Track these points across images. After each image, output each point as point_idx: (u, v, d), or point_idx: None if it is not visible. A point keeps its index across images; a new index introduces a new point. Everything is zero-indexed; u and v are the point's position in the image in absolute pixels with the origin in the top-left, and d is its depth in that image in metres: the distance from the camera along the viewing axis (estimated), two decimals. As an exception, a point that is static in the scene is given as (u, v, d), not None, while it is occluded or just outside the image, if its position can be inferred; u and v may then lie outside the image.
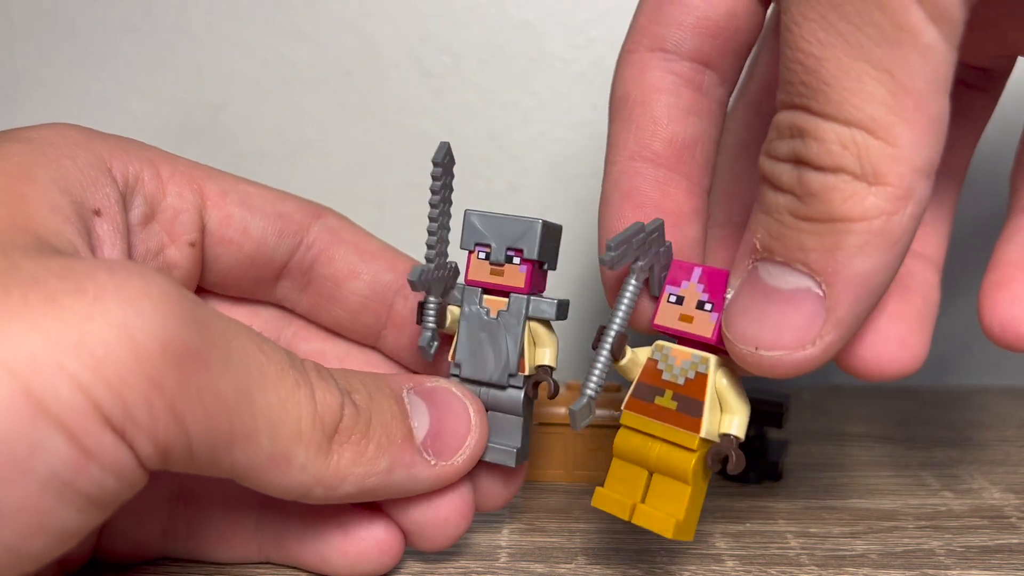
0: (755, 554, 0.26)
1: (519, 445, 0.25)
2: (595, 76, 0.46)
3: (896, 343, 0.23)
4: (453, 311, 0.25)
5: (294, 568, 0.25)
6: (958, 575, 0.25)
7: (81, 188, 0.21)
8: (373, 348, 0.28)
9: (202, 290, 0.26)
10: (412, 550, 0.25)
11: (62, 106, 0.46)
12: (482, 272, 0.24)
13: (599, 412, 0.31)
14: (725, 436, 0.23)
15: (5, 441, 0.15)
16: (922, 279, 0.26)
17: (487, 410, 0.25)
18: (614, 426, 0.31)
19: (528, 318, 0.24)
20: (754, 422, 0.33)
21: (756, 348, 0.21)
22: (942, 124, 0.19)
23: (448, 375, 0.25)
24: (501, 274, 0.24)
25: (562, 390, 0.32)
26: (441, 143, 0.24)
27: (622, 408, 0.24)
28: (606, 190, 0.24)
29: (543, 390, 0.25)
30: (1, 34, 0.46)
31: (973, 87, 0.27)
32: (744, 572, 0.25)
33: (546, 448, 0.32)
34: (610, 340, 0.23)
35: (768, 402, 0.32)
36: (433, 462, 0.23)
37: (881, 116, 0.19)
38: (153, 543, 0.24)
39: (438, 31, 0.46)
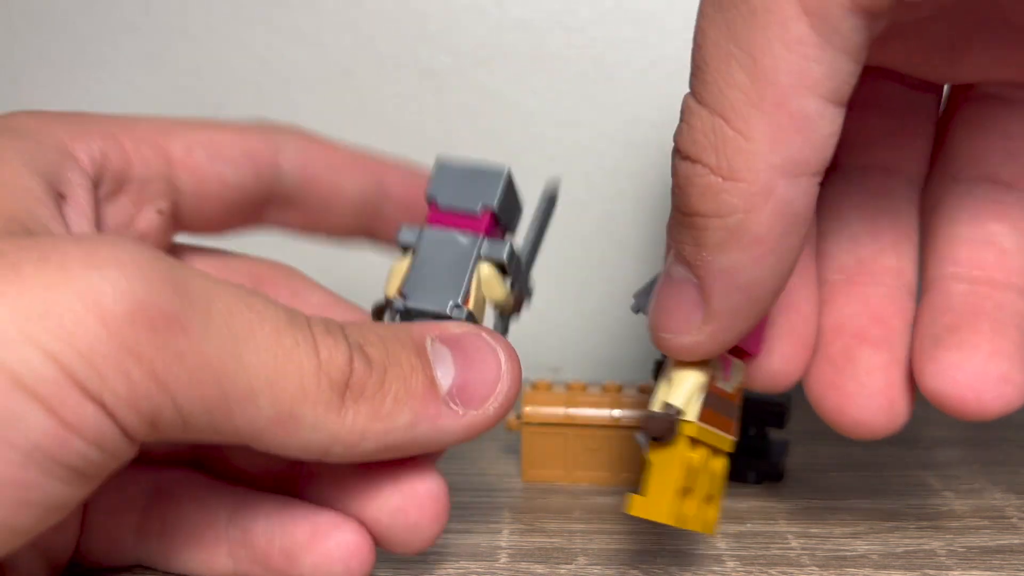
0: (756, 555, 0.26)
1: None
2: (595, 76, 0.46)
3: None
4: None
5: None
6: (959, 575, 0.25)
7: (48, 170, 0.21)
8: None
9: (197, 252, 0.27)
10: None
11: (62, 106, 0.46)
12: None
13: (598, 412, 0.31)
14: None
15: None
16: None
17: None
18: (614, 426, 0.31)
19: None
20: (755, 422, 0.33)
21: (656, 330, 0.22)
22: (812, 126, 0.18)
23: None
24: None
25: (561, 389, 0.32)
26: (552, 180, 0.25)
27: (694, 420, 0.23)
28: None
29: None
30: (1, 34, 0.46)
31: (921, 89, 0.26)
32: (745, 573, 0.25)
33: (546, 448, 0.32)
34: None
35: (769, 402, 0.32)
36: (461, 412, 0.22)
37: (739, 105, 0.18)
38: (127, 540, 0.24)
39: (438, 31, 0.46)
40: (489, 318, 0.25)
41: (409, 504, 0.23)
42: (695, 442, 0.23)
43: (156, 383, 0.17)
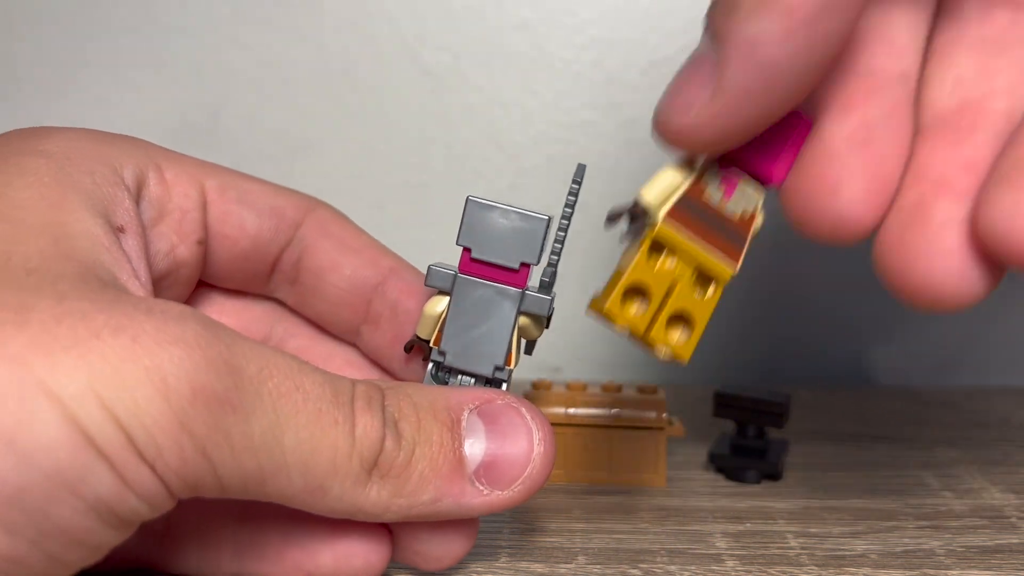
0: (755, 554, 0.26)
1: None
2: (595, 76, 0.46)
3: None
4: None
5: None
6: (958, 575, 0.25)
7: (105, 207, 0.22)
8: (353, 345, 0.28)
9: (201, 284, 0.26)
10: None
11: (62, 106, 0.46)
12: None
13: (598, 412, 0.31)
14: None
15: (58, 468, 0.17)
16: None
17: None
18: (614, 426, 0.31)
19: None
20: (754, 422, 0.33)
21: (659, 112, 0.20)
22: None
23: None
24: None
25: (561, 389, 0.32)
26: (580, 165, 0.24)
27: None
28: None
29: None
30: (1, 34, 0.46)
31: None
32: (744, 572, 0.25)
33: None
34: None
35: (768, 402, 0.32)
36: (486, 492, 0.22)
37: None
38: (130, 540, 0.24)
39: (438, 31, 0.46)
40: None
41: (445, 524, 0.23)
42: (667, 249, 0.22)
43: (203, 457, 0.18)
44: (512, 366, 0.24)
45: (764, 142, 0.22)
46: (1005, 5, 0.22)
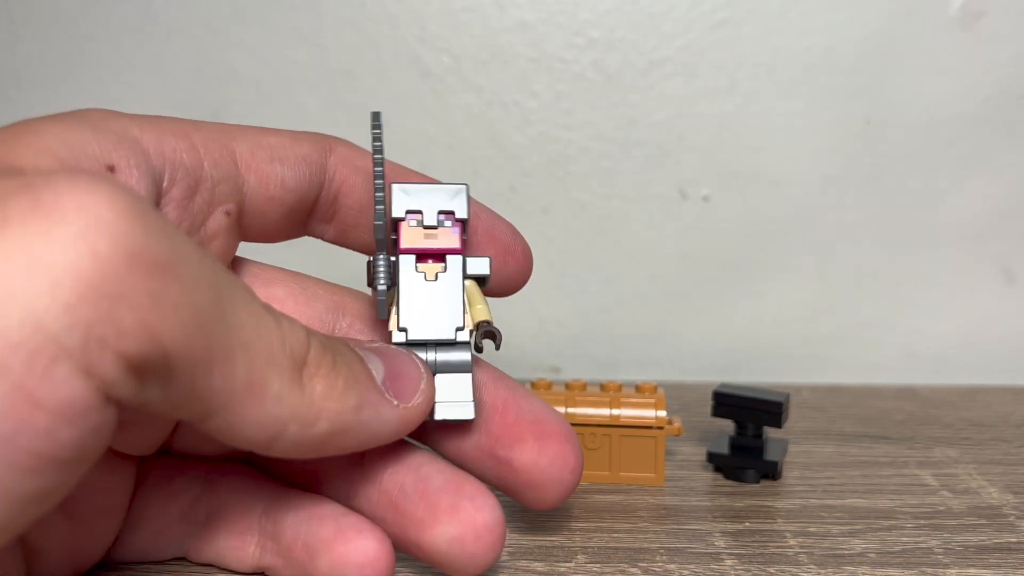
0: (754, 553, 0.27)
1: (472, 398, 0.25)
2: (595, 76, 0.46)
3: None
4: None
5: None
6: (956, 574, 0.25)
7: (92, 145, 0.21)
8: None
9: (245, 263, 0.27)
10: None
11: (62, 106, 0.46)
12: (415, 238, 0.25)
13: (598, 412, 0.31)
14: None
15: None
16: None
17: (436, 372, 0.25)
18: (614, 426, 0.31)
19: (466, 276, 0.25)
20: (753, 422, 0.33)
21: None
22: None
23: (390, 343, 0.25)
24: (435, 237, 0.25)
25: (561, 389, 0.32)
26: (373, 112, 0.25)
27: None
28: None
29: (490, 340, 0.25)
30: (1, 34, 0.46)
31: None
32: (743, 571, 0.25)
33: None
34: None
35: (767, 402, 0.32)
36: (396, 403, 0.23)
37: None
38: (173, 529, 0.25)
39: (438, 31, 0.46)
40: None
41: (467, 534, 0.23)
42: None
43: (147, 332, 0.16)
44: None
45: None
46: None
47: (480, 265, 0.26)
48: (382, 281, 0.25)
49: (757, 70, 0.46)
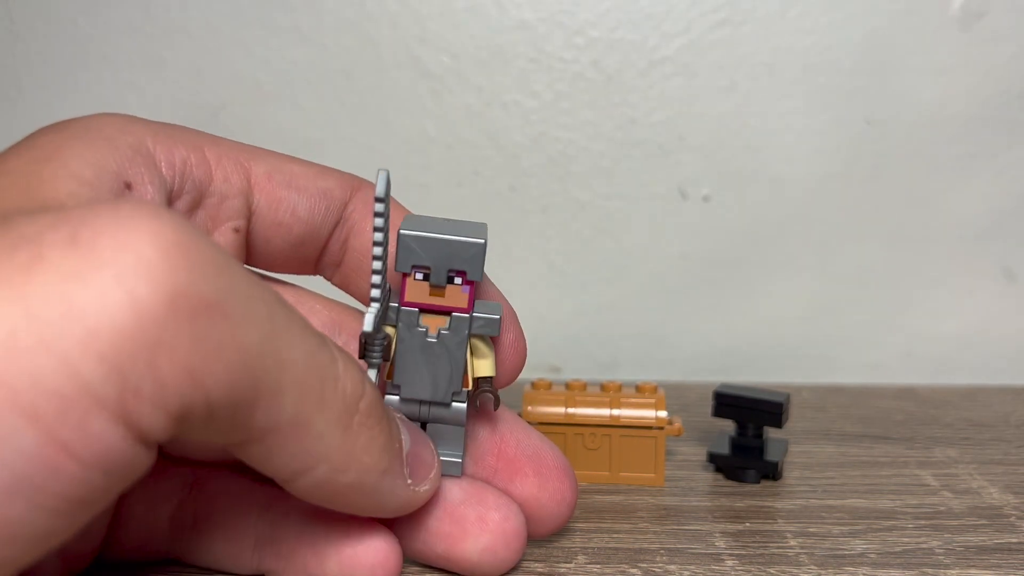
0: (755, 553, 0.27)
1: (462, 454, 0.25)
2: (595, 76, 0.46)
3: None
4: (388, 331, 0.24)
5: None
6: (957, 574, 0.25)
7: (111, 162, 0.21)
8: None
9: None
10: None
11: (62, 106, 0.46)
12: (420, 294, 0.23)
13: (598, 412, 0.31)
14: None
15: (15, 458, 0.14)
16: None
17: (428, 423, 0.24)
18: (614, 426, 0.31)
19: (471, 335, 0.24)
20: (753, 422, 0.33)
21: None
22: None
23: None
24: (442, 295, 0.23)
25: (561, 389, 0.32)
26: (381, 173, 0.22)
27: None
28: None
29: (486, 404, 0.24)
30: (1, 34, 0.46)
31: None
32: (744, 571, 0.25)
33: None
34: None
35: (767, 402, 0.32)
36: (410, 482, 0.22)
37: None
38: (162, 531, 0.24)
39: (438, 31, 0.46)
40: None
41: (498, 543, 0.24)
42: None
43: (189, 378, 0.15)
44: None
45: None
46: None
47: (489, 325, 0.24)
48: (376, 357, 0.23)
49: (757, 70, 0.46)
